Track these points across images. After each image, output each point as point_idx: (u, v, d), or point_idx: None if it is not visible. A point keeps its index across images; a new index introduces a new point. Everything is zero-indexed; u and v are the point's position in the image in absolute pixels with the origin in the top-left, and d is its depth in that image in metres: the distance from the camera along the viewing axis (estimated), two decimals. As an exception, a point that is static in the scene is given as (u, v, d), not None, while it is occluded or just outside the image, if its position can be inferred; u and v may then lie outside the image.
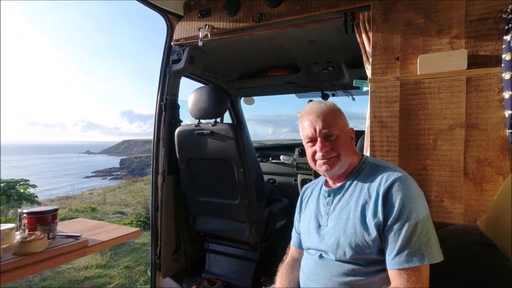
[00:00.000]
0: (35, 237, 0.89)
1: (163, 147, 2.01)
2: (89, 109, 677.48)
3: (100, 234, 1.16)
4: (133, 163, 39.86)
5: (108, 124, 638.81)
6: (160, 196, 2.03)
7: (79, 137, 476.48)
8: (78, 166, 40.05)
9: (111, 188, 12.37)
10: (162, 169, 2.01)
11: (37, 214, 0.99)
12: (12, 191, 4.70)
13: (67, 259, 0.95)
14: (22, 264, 0.84)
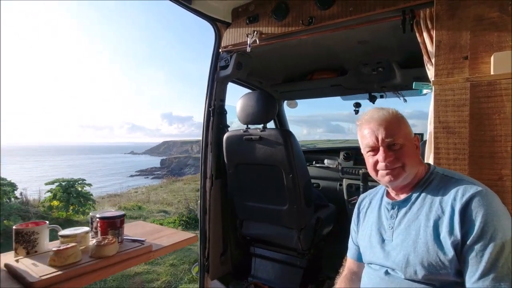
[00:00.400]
0: (108, 241, 0.95)
1: (211, 152, 2.05)
2: (133, 112, 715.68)
3: (161, 239, 1.20)
4: (172, 163, 41.66)
5: (150, 126, 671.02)
6: (208, 199, 2.07)
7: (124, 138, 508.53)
8: (123, 166, 42.84)
9: (153, 187, 13.04)
10: (210, 174, 2.06)
11: (108, 219, 1.06)
12: (72, 190, 5.15)
13: (134, 263, 1.00)
14: (99, 267, 0.90)
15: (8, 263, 0.89)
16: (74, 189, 5.29)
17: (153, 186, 13.94)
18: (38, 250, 0.98)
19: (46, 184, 5.42)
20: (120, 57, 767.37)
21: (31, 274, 0.81)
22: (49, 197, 5.30)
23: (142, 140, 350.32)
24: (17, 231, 0.96)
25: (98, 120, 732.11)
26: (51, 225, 1.04)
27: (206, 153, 2.06)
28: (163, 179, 17.60)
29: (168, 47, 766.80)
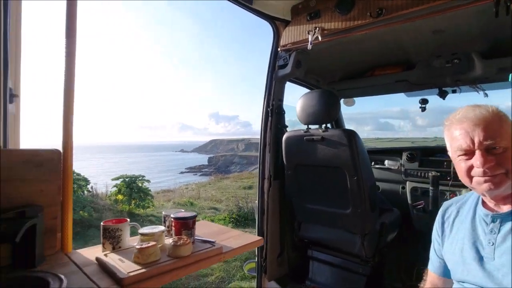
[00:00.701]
0: (183, 241, 0.98)
1: (269, 152, 2.04)
2: (183, 112, 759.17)
3: (229, 240, 1.21)
4: (219, 161, 42.99)
5: (198, 125, 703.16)
6: (266, 200, 2.06)
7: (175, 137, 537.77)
8: (174, 163, 45.46)
9: (202, 184, 13.58)
10: (268, 174, 2.04)
11: (182, 219, 1.09)
12: (134, 185, 5.58)
13: (206, 265, 1.02)
14: (176, 266, 0.93)
15: (99, 257, 0.96)
16: (135, 184, 5.74)
17: (202, 183, 14.53)
18: (122, 246, 1.04)
19: (113, 179, 5.96)
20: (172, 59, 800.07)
21: (120, 270, 0.86)
22: (114, 192, 5.82)
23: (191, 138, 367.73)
24: (105, 228, 1.03)
25: (153, 121, 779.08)
26: (131, 223, 1.10)
27: (264, 153, 2.05)
28: (211, 176, 18.22)
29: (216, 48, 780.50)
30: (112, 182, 6.05)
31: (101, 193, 6.64)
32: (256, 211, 2.19)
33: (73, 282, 0.83)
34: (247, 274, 3.39)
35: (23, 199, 0.95)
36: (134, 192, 5.61)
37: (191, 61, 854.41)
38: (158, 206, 6.96)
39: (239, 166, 36.56)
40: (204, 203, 8.37)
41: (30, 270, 0.89)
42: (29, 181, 0.96)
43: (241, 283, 3.40)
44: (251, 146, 57.56)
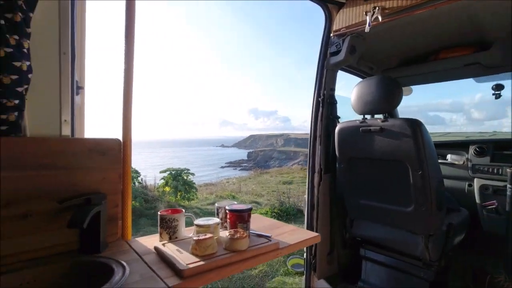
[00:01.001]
0: (240, 235, 0.94)
1: (319, 144, 1.93)
2: (224, 108, 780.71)
3: (283, 235, 1.15)
4: (258, 156, 43.31)
5: (238, 120, 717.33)
6: (316, 195, 1.97)
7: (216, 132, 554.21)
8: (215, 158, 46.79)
9: (242, 178, 13.76)
10: (319, 168, 1.94)
11: (237, 212, 1.05)
12: (179, 178, 5.81)
13: (263, 260, 0.97)
14: (234, 261, 0.89)
15: (157, 247, 0.96)
16: (181, 177, 5.97)
17: (242, 177, 14.73)
18: (178, 236, 1.04)
19: (160, 172, 6.27)
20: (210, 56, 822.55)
21: (179, 261, 0.84)
22: (162, 184, 6.12)
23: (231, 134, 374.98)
24: (162, 217, 1.03)
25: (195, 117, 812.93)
26: (186, 213, 1.09)
27: (314, 146, 1.95)
28: (251, 171, 18.39)
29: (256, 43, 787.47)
30: (159, 175, 6.37)
31: (150, 185, 7.03)
32: (305, 206, 2.10)
33: (134, 270, 0.83)
34: (290, 270, 3.33)
35: (88, 186, 0.98)
36: (180, 185, 5.84)
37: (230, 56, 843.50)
38: (202, 198, 7.18)
39: (278, 161, 36.46)
40: (245, 197, 8.45)
41: (95, 255, 0.92)
42: (93, 169, 0.99)
43: (284, 278, 3.35)
44: (290, 141, 57.05)
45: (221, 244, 0.97)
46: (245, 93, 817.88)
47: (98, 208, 0.93)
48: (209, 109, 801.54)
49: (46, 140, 0.91)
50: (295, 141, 56.04)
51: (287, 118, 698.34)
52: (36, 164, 0.88)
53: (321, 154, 1.92)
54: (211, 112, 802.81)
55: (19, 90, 0.83)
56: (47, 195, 0.90)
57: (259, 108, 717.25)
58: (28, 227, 0.88)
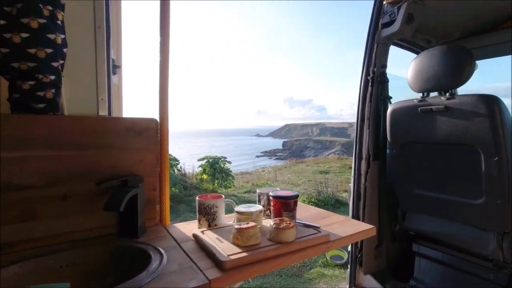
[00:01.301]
0: (286, 224, 0.83)
1: (367, 128, 1.74)
2: (259, 98, 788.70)
3: (333, 226, 1.02)
4: (293, 145, 42.91)
5: (273, 110, 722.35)
6: (363, 184, 1.79)
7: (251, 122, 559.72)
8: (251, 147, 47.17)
9: (278, 168, 13.68)
10: (367, 154, 1.76)
11: (283, 199, 0.94)
12: (216, 166, 5.87)
13: (312, 253, 0.86)
14: (280, 253, 0.79)
15: (196, 234, 0.89)
16: (218, 165, 6.03)
17: (278, 166, 14.66)
18: (218, 224, 0.96)
19: (198, 160, 6.39)
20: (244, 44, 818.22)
21: (220, 251, 0.76)
22: (200, 171, 6.24)
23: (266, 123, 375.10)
24: (200, 203, 0.96)
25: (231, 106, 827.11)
26: (226, 199, 1.01)
27: (361, 130, 1.77)
28: (286, 160, 18.26)
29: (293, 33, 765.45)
30: (197, 163, 6.50)
31: (188, 173, 7.22)
32: (350, 195, 1.94)
33: (172, 258, 0.77)
34: (329, 261, 3.19)
35: (126, 168, 0.93)
36: (217, 172, 5.90)
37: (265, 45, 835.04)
38: (238, 186, 7.23)
39: (314, 151, 35.77)
40: (281, 186, 8.36)
41: (133, 240, 0.87)
42: (130, 150, 0.94)
43: (323, 269, 3.22)
44: (325, 130, 55.60)
45: (264, 234, 0.87)
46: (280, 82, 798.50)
47: (135, 191, 0.88)
48: (244, 99, 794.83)
49: (84, 119, 0.87)
50: (331, 130, 54.50)
51: (323, 107, 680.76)
52: (74, 143, 0.85)
53: (369, 139, 1.74)
54: (246, 102, 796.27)
55: (55, 65, 0.79)
56: (86, 176, 0.87)
57: (294, 97, 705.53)
58: (67, 209, 0.85)
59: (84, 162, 0.87)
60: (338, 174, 10.34)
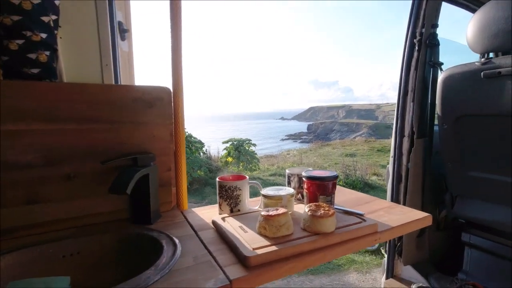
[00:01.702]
0: (324, 211, 0.68)
1: (412, 101, 1.51)
2: (284, 80, 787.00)
3: (378, 214, 0.85)
4: (318, 128, 42.12)
5: (297, 93, 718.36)
6: (405, 164, 1.58)
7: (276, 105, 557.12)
8: (275, 131, 46.83)
9: (303, 151, 13.43)
10: (410, 131, 1.53)
11: (319, 180, 0.78)
12: (241, 148, 5.77)
13: (355, 247, 0.70)
14: (318, 247, 0.64)
15: (216, 222, 0.76)
16: (243, 148, 5.93)
17: (303, 149, 14.41)
18: (241, 209, 0.83)
19: (223, 142, 6.33)
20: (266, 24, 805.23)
21: (243, 244, 0.62)
22: (225, 154, 6.19)
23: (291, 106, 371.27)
24: (221, 184, 0.83)
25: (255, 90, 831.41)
26: (251, 181, 0.87)
27: (404, 103, 1.54)
28: (311, 143, 17.94)
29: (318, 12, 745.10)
30: (222, 146, 6.45)
31: (214, 156, 7.21)
32: (387, 177, 1.74)
33: (187, 249, 0.64)
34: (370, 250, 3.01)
35: (135, 145, 0.81)
36: (242, 155, 5.81)
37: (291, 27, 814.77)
38: (263, 169, 7.13)
39: (339, 134, 34.84)
40: (307, 169, 8.15)
41: (145, 227, 0.76)
42: (140, 124, 0.82)
43: (353, 256, 3.05)
44: (352, 113, 53.79)
45: (296, 222, 0.72)
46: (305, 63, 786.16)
47: (146, 170, 0.76)
48: (269, 82, 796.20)
49: (86, 87, 0.75)
50: (358, 112, 52.65)
51: (349, 88, 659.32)
52: (75, 115, 0.74)
53: (413, 113, 1.50)
54: (271, 85, 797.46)
55: (45, 20, 0.66)
56: (91, 154, 0.76)
57: (319, 79, 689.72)
58: (72, 191, 0.75)
59: (87, 138, 0.75)
60: (365, 157, 9.97)
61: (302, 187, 0.86)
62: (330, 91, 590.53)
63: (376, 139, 16.05)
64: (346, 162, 8.18)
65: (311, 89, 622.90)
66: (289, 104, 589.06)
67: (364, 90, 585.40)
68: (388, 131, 28.08)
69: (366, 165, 7.63)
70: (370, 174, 6.77)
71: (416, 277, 1.64)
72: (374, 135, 25.29)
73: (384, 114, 46.46)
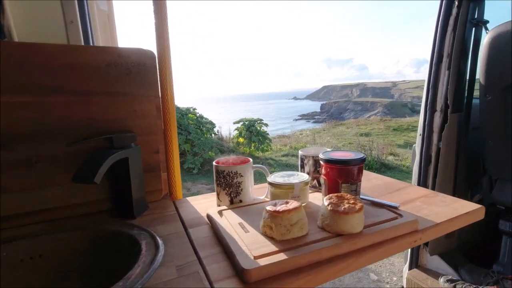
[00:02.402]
0: (350, 206, 0.51)
1: (447, 68, 1.28)
2: (296, 59, 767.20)
3: (414, 205, 0.68)
4: (332, 108, 41.37)
5: (310, 72, 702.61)
6: (435, 143, 1.38)
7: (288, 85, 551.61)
8: (288, 111, 46.20)
9: (316, 130, 13.18)
10: (443, 104, 1.32)
11: (341, 163, 0.61)
12: (253, 128, 5.60)
13: (391, 252, 0.54)
14: (342, 252, 0.48)
15: (211, 216, 0.61)
16: (254, 128, 5.76)
17: (316, 129, 14.15)
18: (244, 200, 0.67)
19: (234, 123, 6.17)
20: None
21: (242, 250, 0.47)
22: (236, 135, 6.04)
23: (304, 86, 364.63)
24: (218, 170, 0.67)
25: (267, 69, 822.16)
26: (255, 165, 0.70)
27: (438, 70, 1.31)
28: (324, 123, 17.67)
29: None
30: (234, 126, 6.29)
31: (225, 137, 7.08)
32: (413, 158, 1.54)
33: (172, 253, 0.50)
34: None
35: (110, 122, 0.66)
36: (254, 135, 5.65)
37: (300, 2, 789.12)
38: (276, 150, 6.97)
39: (354, 113, 34.06)
40: (322, 150, 7.94)
41: (128, 222, 0.62)
42: (116, 95, 0.66)
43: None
44: (366, 91, 52.31)
45: (312, 218, 0.56)
46: (317, 41, 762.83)
47: (124, 153, 0.61)
48: (280, 62, 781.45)
49: (41, 47, 0.59)
50: (373, 90, 51.15)
51: (364, 66, 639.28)
52: (31, 84, 0.58)
53: (449, 82, 1.28)
54: (282, 65, 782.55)
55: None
56: (55, 133, 0.61)
57: (333, 57, 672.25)
58: (35, 178, 0.61)
59: (52, 113, 0.61)
60: (381, 137, 9.67)
61: (319, 171, 0.69)
62: (343, 70, 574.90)
63: (392, 118, 15.56)
64: (361, 142, 7.92)
65: (324, 67, 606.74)
66: (302, 84, 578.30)
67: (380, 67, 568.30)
68: (404, 110, 27.17)
69: (382, 145, 7.38)
70: (387, 154, 6.52)
71: (444, 268, 1.48)
72: (389, 114, 24.55)
73: (400, 92, 44.91)
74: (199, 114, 5.83)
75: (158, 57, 0.71)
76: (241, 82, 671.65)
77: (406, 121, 12.98)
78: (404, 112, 25.22)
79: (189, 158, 4.96)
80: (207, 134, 5.73)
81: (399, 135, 10.24)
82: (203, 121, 5.73)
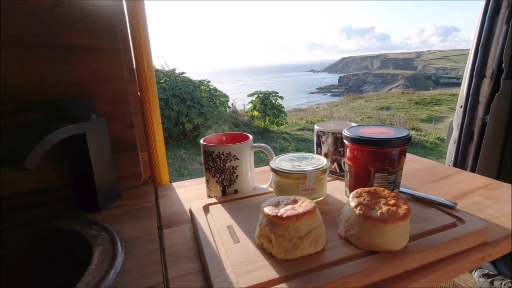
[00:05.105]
0: (388, 210, 0.34)
1: (505, 22, 1.02)
2: (313, 30, 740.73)
3: (472, 199, 0.50)
4: (350, 80, 39.95)
5: (328, 43, 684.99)
6: (481, 117, 1.15)
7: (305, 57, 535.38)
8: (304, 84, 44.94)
9: (334, 104, 12.74)
10: (496, 68, 1.08)
11: (375, 145, 0.42)
12: (267, 101, 5.37)
13: (452, 274, 0.37)
14: (379, 279, 0.32)
15: (194, 214, 0.45)
16: (269, 101, 5.52)
17: (333, 102, 13.70)
18: (240, 190, 0.51)
19: (248, 95, 5.94)
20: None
21: (224, 273, 0.31)
22: (250, 108, 5.83)
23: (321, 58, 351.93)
24: (206, 150, 0.50)
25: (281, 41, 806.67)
26: (256, 143, 0.53)
27: (491, 26, 1.06)
28: (342, 96, 17.16)
29: None
30: (248, 99, 6.08)
31: (240, 110, 6.89)
32: (451, 134, 1.32)
33: (133, 268, 0.36)
34: None
35: (62, 86, 0.50)
36: (268, 109, 5.43)
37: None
38: (291, 124, 6.75)
39: (373, 86, 32.73)
40: (338, 123, 7.66)
41: (89, 217, 0.48)
42: (69, 48, 0.49)
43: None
44: (387, 62, 49.75)
45: (331, 223, 0.40)
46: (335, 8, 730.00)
47: (78, 128, 0.45)
48: (297, 31, 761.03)
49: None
50: (394, 62, 48.57)
51: (386, 35, 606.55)
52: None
53: (507, 40, 1.03)
54: (299, 35, 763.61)
55: None
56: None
57: (352, 26, 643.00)
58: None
59: (-21, 74, 0.45)
60: (402, 111, 9.21)
61: (340, 152, 0.51)
62: (364, 40, 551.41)
63: (414, 91, 14.78)
64: (381, 116, 7.53)
65: (343, 38, 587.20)
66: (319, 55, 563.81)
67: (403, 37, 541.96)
68: (428, 82, 25.75)
69: (404, 119, 7.00)
70: (409, 128, 6.20)
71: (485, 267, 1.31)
72: (412, 87, 23.37)
73: (424, 64, 42.42)
74: (212, 86, 5.63)
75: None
76: (256, 55, 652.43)
77: (429, 94, 12.29)
78: (427, 84, 23.93)
79: (202, 132, 4.84)
80: (221, 107, 5.55)
81: (422, 109, 9.72)
82: (217, 94, 5.54)
